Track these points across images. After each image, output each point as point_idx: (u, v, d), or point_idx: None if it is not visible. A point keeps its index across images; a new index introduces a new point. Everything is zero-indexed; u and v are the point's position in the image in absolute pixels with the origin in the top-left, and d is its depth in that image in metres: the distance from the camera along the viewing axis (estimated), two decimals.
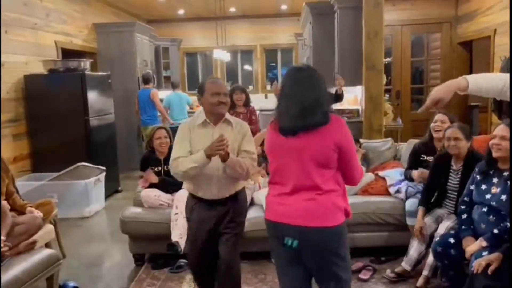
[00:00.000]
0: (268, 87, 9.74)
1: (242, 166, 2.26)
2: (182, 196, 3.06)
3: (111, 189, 5.57)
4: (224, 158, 2.20)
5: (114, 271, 3.43)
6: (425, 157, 3.25)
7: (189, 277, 3.09)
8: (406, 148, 3.79)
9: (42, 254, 2.47)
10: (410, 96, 7.60)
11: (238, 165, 2.25)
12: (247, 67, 9.89)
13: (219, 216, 2.37)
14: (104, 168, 5.00)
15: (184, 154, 2.28)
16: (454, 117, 3.27)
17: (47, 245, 3.14)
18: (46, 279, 2.47)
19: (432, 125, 3.25)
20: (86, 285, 3.13)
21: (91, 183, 4.73)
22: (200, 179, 2.33)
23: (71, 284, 3.06)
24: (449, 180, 2.90)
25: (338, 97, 4.75)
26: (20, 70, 4.89)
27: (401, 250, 3.03)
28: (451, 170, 2.89)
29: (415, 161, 3.30)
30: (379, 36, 4.94)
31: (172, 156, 2.31)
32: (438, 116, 3.22)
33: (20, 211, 2.93)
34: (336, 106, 5.97)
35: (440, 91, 1.54)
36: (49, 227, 3.14)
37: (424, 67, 7.83)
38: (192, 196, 2.46)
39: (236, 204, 2.42)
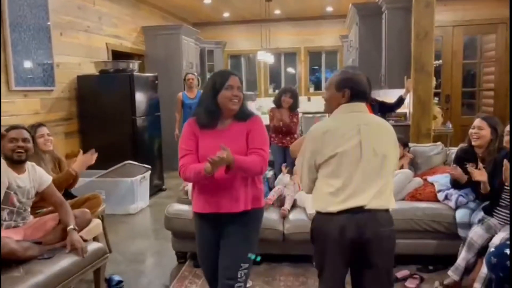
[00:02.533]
0: (311, 90, 9.66)
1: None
2: None
3: (156, 188, 5.70)
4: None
5: (157, 268, 3.50)
6: (467, 165, 3.07)
7: None
8: (455, 154, 3.61)
9: (90, 247, 2.55)
10: (461, 100, 7.27)
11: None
12: (290, 69, 9.85)
13: None
14: (149, 166, 5.13)
15: None
16: (494, 121, 3.06)
17: (95, 239, 3.24)
18: (94, 271, 2.55)
19: (470, 131, 3.07)
20: (130, 280, 3.20)
21: (137, 181, 4.87)
22: None
23: (116, 278, 3.14)
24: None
25: (401, 102, 4.71)
26: (73, 71, 5.12)
27: (451, 260, 2.88)
28: None
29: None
30: (429, 37, 4.76)
31: None
32: (476, 122, 3.03)
33: None
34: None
35: None
36: (97, 221, 3.24)
37: (476, 70, 7.47)
38: None
39: None
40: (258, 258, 2.11)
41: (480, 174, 2.77)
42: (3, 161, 2.49)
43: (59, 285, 2.22)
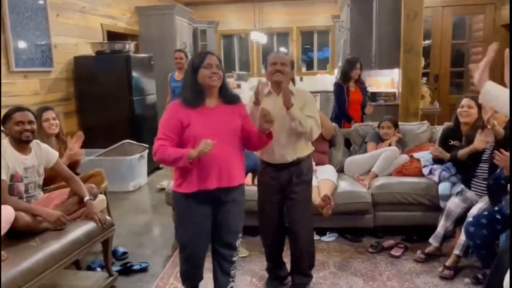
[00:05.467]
0: (304, 69, 9.77)
1: (306, 122, 2.41)
2: None
3: (153, 167, 5.86)
4: (288, 105, 2.34)
5: (159, 240, 3.70)
6: (452, 142, 3.27)
7: None
8: (440, 132, 3.81)
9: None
10: (450, 80, 7.46)
11: (303, 119, 2.39)
12: (283, 49, 9.93)
13: (283, 181, 2.55)
14: (147, 145, 5.27)
15: None
16: None
17: None
18: (102, 242, 2.72)
19: (458, 110, 3.24)
20: (134, 251, 3.40)
21: (136, 159, 5.02)
22: None
23: (121, 249, 3.35)
24: (483, 153, 2.93)
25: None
26: (70, 52, 5.19)
27: (434, 231, 3.09)
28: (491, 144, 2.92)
29: (443, 146, 3.33)
30: (419, 17, 4.90)
31: None
32: (465, 101, 3.21)
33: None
34: (371, 89, 6.01)
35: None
36: (102, 197, 3.41)
37: (465, 50, 7.64)
38: (261, 160, 2.66)
39: (299, 168, 2.55)
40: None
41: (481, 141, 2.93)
42: (9, 145, 2.59)
43: (73, 254, 2.40)
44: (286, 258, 2.83)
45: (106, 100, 5.31)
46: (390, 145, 3.80)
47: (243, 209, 2.40)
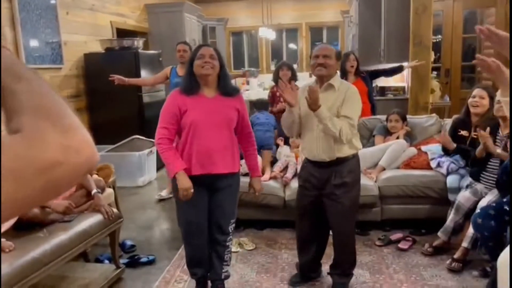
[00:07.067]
0: None
1: (334, 124, 2.26)
2: None
3: (161, 162, 5.88)
4: (312, 107, 2.24)
5: (166, 234, 3.73)
6: (461, 132, 3.24)
7: (234, 239, 3.31)
8: (450, 124, 3.77)
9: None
10: (461, 74, 7.36)
11: (329, 121, 2.24)
12: (292, 45, 9.91)
13: (320, 179, 2.44)
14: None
15: None
16: (492, 91, 3.20)
17: None
18: (109, 234, 2.76)
19: (470, 100, 3.20)
20: (142, 244, 3.43)
21: (145, 154, 5.06)
22: (304, 138, 2.51)
23: (129, 242, 3.38)
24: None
25: (399, 69, 4.82)
26: (80, 49, 5.25)
27: (442, 224, 3.06)
28: (498, 138, 2.89)
29: (453, 136, 3.30)
30: (428, 11, 4.85)
31: None
32: (477, 91, 3.17)
33: None
34: (380, 83, 5.95)
35: None
36: (109, 190, 3.45)
37: (476, 44, 7.53)
38: (305, 157, 2.62)
39: (338, 169, 2.41)
40: None
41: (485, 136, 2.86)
42: None
43: (80, 245, 2.44)
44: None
45: (115, 96, 5.34)
46: (398, 138, 3.77)
47: (237, 196, 2.49)
